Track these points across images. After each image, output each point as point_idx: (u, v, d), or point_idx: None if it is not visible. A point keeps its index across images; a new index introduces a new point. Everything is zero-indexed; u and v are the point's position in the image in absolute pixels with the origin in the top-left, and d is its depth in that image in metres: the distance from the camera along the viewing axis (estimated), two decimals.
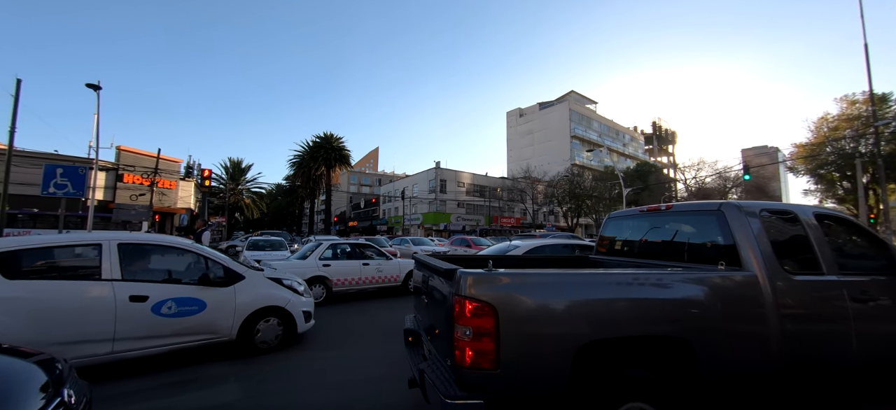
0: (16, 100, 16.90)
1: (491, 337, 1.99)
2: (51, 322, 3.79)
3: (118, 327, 4.03)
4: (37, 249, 4.12)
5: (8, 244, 3.98)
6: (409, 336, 3.26)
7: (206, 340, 4.60)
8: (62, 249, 4.30)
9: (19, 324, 3.67)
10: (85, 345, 3.90)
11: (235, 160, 48.74)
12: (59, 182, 12.36)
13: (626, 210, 4.03)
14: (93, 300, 3.99)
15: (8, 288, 3.70)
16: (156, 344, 4.27)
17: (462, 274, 2.08)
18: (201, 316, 4.49)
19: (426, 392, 2.32)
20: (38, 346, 3.35)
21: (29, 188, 20.86)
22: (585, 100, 67.21)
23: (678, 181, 42.60)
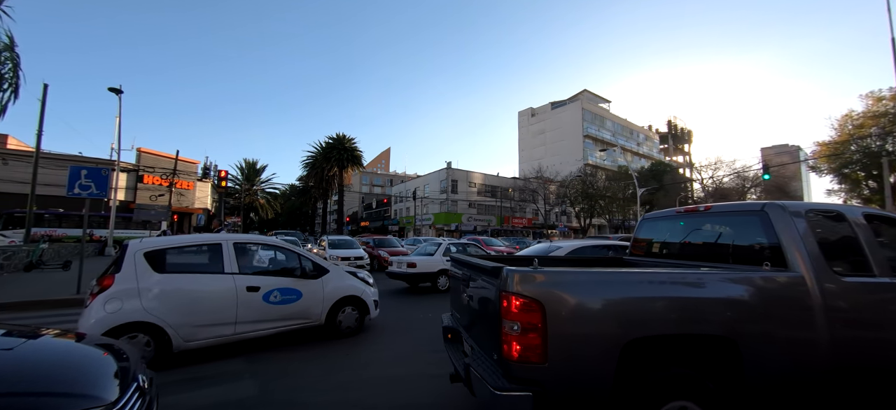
0: (43, 104, 17.42)
1: (538, 332, 2.06)
2: (190, 307, 4.52)
3: (239, 312, 4.78)
4: (174, 248, 4.85)
5: (154, 244, 4.70)
6: (448, 333, 3.35)
7: (301, 324, 5.34)
8: (193, 248, 5.13)
9: (167, 309, 4.38)
10: (216, 327, 4.65)
11: (250, 161, 49.56)
12: (83, 183, 12.69)
13: (661, 211, 3.99)
14: (220, 290, 4.73)
15: (157, 280, 4.46)
16: (265, 327, 5.04)
17: (509, 272, 2.16)
18: (299, 304, 5.26)
19: (472, 386, 2.38)
20: (182, 328, 4.44)
21: (54, 188, 21.53)
22: (598, 99, 66.44)
23: (694, 181, 41.79)
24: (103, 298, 4.21)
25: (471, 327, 2.90)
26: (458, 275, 3.24)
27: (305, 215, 55.81)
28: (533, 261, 2.45)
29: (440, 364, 4.30)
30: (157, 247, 4.67)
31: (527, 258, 3.56)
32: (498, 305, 2.18)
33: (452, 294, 3.59)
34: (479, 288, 2.68)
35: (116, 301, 4.21)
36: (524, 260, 3.90)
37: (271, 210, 50.16)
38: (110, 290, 4.26)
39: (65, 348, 2.20)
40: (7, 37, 6.13)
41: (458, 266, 3.29)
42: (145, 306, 4.28)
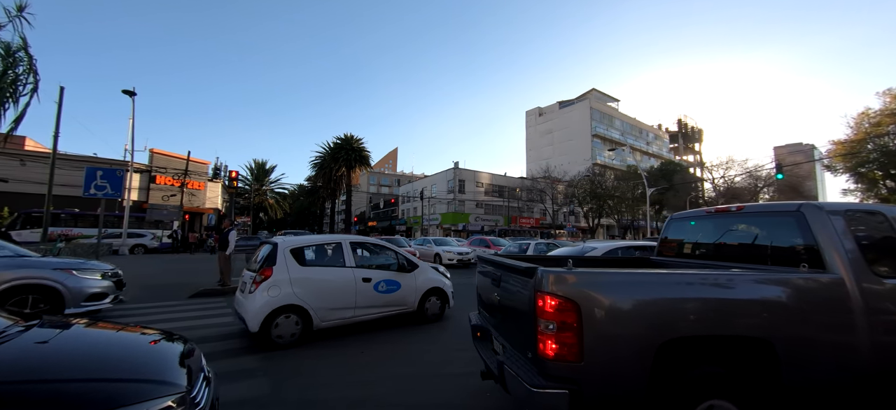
0: (59, 106, 17.73)
1: (574, 331, 2.10)
2: (324, 294, 5.48)
3: (357, 299, 5.73)
4: (310, 246, 5.80)
5: (296, 243, 5.63)
6: (477, 331, 3.39)
7: (399, 310, 6.24)
8: (322, 246, 6.07)
9: (309, 295, 5.33)
10: (341, 311, 5.60)
11: (260, 161, 50.06)
12: (99, 183, 12.96)
13: (689, 211, 3.95)
14: (343, 280, 5.68)
15: (300, 271, 5.40)
16: (374, 312, 5.96)
17: (544, 272, 2.20)
18: (399, 293, 6.20)
19: (506, 383, 2.42)
20: (319, 310, 5.38)
21: (71, 189, 21.92)
22: (607, 98, 65.89)
23: (705, 180, 41.22)
24: (266, 285, 5.16)
25: (501, 326, 2.94)
26: (488, 275, 3.25)
27: (314, 215, 56.16)
28: (567, 262, 2.45)
29: None
30: (299, 245, 5.64)
31: (561, 258, 3.62)
32: (533, 304, 2.23)
33: (480, 293, 3.60)
34: (512, 287, 2.70)
35: (276, 288, 5.17)
36: (558, 260, 3.94)
37: (280, 209, 50.56)
38: (270, 280, 5.19)
39: (141, 340, 2.39)
40: (21, 38, 6.23)
41: (488, 265, 3.28)
42: (295, 292, 5.24)
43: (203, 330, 5.99)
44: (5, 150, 21.03)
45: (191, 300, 8.47)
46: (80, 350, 2.16)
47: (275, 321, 5.09)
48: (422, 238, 26.69)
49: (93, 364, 1.99)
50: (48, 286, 5.74)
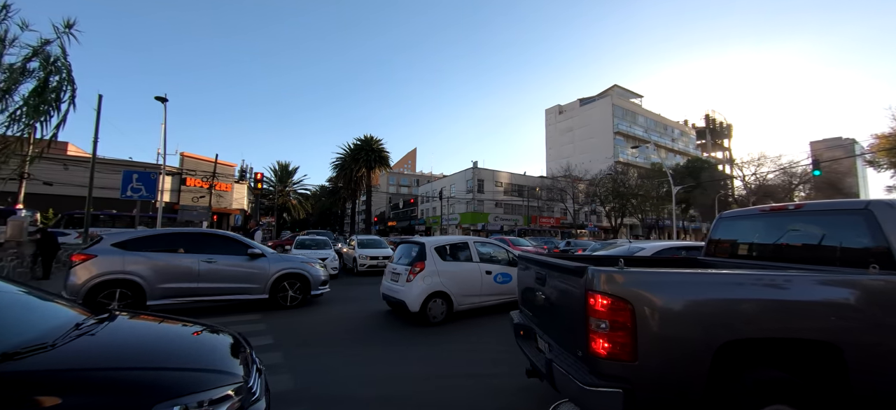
0: (98, 113, 18.73)
1: (627, 330, 2.09)
2: (460, 283, 6.92)
3: (482, 288, 7.14)
4: (448, 244, 7.21)
5: (437, 241, 7.17)
6: (519, 330, 3.41)
7: (510, 298, 7.26)
8: (454, 244, 7.33)
9: (450, 284, 6.79)
10: (472, 297, 7.05)
11: (283, 163, 51.40)
12: (134, 186, 13.75)
13: (741, 209, 3.83)
14: (473, 272, 7.15)
15: (443, 265, 6.84)
16: (493, 299, 7.32)
17: (595, 272, 2.21)
18: (511, 284, 7.30)
19: (555, 381, 2.44)
20: (457, 296, 6.79)
21: (108, 191, 23.12)
22: (629, 94, 64.24)
23: (736, 178, 39.56)
24: (421, 276, 6.64)
25: (546, 324, 2.97)
26: (531, 274, 3.25)
27: (335, 215, 57.24)
28: (618, 262, 2.44)
29: None
30: (440, 244, 7.11)
31: (611, 258, 3.61)
32: (583, 303, 2.24)
33: (522, 292, 3.61)
34: (559, 286, 2.70)
35: (428, 278, 6.65)
36: (607, 260, 3.93)
37: (303, 210, 51.76)
38: (424, 272, 6.67)
39: (200, 333, 2.57)
40: (60, 48, 6.65)
41: (531, 265, 3.28)
42: (441, 281, 6.70)
43: (236, 327, 6.27)
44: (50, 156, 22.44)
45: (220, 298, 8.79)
46: (151, 340, 2.39)
47: (429, 304, 6.60)
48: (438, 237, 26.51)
49: (163, 353, 2.20)
50: (302, 274, 8.13)
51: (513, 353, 4.58)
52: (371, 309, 8.08)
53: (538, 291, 3.04)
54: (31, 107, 6.42)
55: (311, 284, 8.23)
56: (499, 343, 5.45)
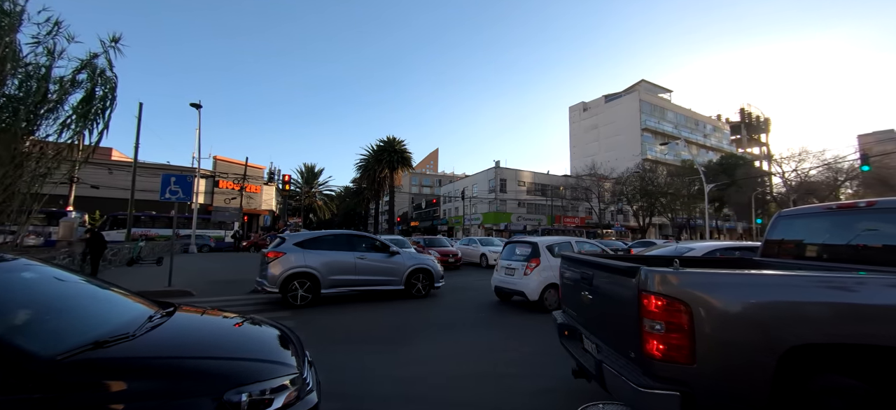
0: (138, 121, 19.87)
1: (684, 332, 2.05)
2: (550, 276, 7.64)
3: None
4: (554, 244, 8.17)
5: (548, 241, 8.18)
6: (564, 330, 3.40)
7: None
8: (561, 243, 8.30)
9: (557, 277, 7.35)
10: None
11: (309, 165, 52.83)
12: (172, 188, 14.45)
13: (802, 208, 3.66)
14: (554, 267, 7.52)
15: (552, 260, 7.71)
16: None
17: (649, 272, 2.18)
18: None
19: (606, 382, 2.42)
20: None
21: (148, 193, 24.47)
22: (658, 89, 62.14)
23: (774, 174, 37.53)
24: (538, 270, 7.81)
25: (594, 325, 2.94)
26: (575, 275, 3.24)
27: (359, 215, 58.22)
28: (672, 262, 2.39)
29: None
30: (551, 243, 8.18)
31: (663, 258, 3.55)
32: (636, 304, 2.21)
33: (565, 292, 3.60)
34: (608, 287, 2.68)
35: (544, 272, 7.78)
36: (659, 260, 3.86)
37: (328, 211, 53.02)
38: (540, 266, 7.84)
39: (254, 327, 2.71)
40: (107, 61, 7.07)
41: (576, 265, 3.26)
42: (552, 275, 7.49)
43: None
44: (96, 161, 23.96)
45: (250, 294, 9.14)
46: (213, 332, 2.56)
47: (545, 294, 7.70)
48: (467, 238, 26.22)
49: (226, 344, 2.37)
50: (428, 269, 9.41)
51: None
52: (471, 299, 9.24)
53: (583, 291, 3.02)
54: (80, 116, 6.85)
55: (434, 278, 9.53)
56: None
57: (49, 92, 6.64)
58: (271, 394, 1.95)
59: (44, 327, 2.04)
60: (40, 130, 6.80)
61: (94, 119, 6.99)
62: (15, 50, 6.30)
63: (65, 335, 1.95)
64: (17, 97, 6.41)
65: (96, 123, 7.04)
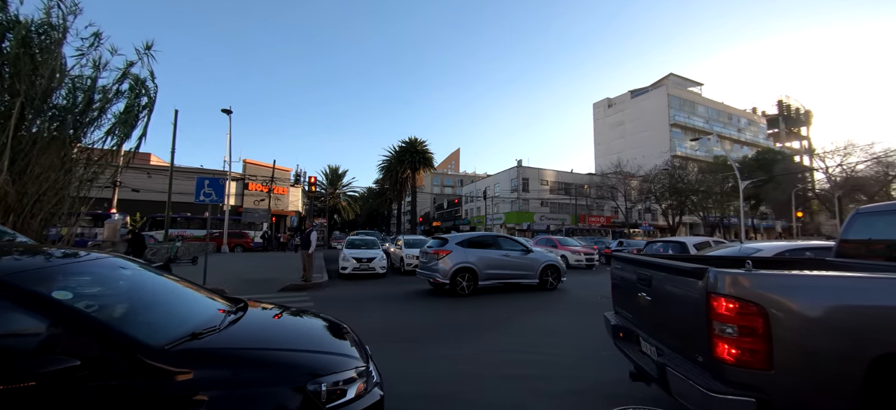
0: (174, 127, 20.85)
1: (759, 336, 1.99)
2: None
3: None
4: (701, 244, 9.68)
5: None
6: (618, 332, 3.35)
7: None
8: (703, 244, 9.84)
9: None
10: None
11: (333, 167, 53.91)
12: (206, 191, 15.17)
13: (884, 204, 3.44)
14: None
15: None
16: None
17: (718, 274, 2.12)
18: None
19: (670, 386, 2.38)
20: None
21: (183, 196, 25.62)
22: (687, 82, 59.78)
23: (816, 169, 35.33)
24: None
25: (653, 327, 2.90)
26: (631, 275, 3.18)
27: (382, 216, 59.01)
28: (746, 263, 2.31)
29: None
30: (693, 241, 9.99)
31: (732, 259, 3.48)
32: (704, 307, 2.16)
33: (618, 293, 3.54)
34: (669, 288, 2.62)
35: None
36: (727, 260, 3.76)
37: (352, 211, 53.96)
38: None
39: (319, 323, 2.86)
40: (148, 71, 7.42)
41: (632, 266, 3.20)
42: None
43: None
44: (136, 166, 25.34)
45: (281, 293, 9.42)
46: (286, 327, 2.68)
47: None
48: None
49: (300, 338, 2.50)
50: (556, 266, 10.66)
51: None
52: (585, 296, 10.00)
53: (640, 293, 2.97)
54: (122, 124, 7.23)
55: (561, 273, 10.55)
56: None
57: (93, 101, 7.05)
58: (344, 386, 2.05)
59: (148, 319, 2.20)
60: (86, 138, 7.24)
61: (134, 126, 7.39)
62: (62, 63, 6.72)
63: (166, 326, 2.10)
64: (65, 107, 6.85)
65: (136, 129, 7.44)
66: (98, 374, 1.66)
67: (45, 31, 6.51)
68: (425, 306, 8.36)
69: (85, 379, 1.63)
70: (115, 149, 7.39)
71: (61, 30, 6.68)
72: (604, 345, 5.41)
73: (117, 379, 1.69)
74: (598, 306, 8.38)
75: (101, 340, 1.74)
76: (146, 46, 7.34)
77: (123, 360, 1.72)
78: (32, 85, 6.21)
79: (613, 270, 3.67)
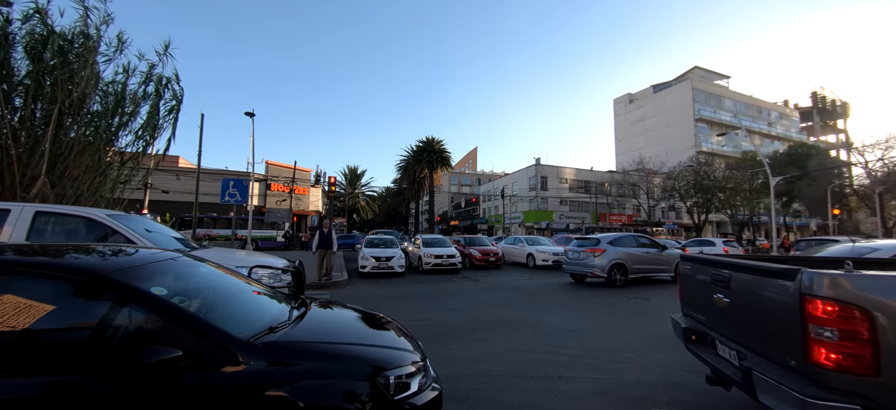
0: (201, 130, 21.51)
1: (863, 341, 1.91)
2: None
3: None
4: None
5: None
6: (691, 334, 3.29)
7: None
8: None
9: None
10: None
11: (352, 167, 54.77)
12: (231, 192, 15.68)
13: None
14: None
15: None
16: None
17: (815, 275, 2.06)
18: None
19: (756, 390, 2.34)
20: None
21: (210, 197, 26.54)
22: (713, 75, 57.69)
23: (854, 164, 33.43)
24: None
25: (732, 330, 2.82)
26: (704, 276, 3.13)
27: (400, 215, 59.56)
28: (845, 264, 2.24)
29: None
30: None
31: (831, 259, 3.38)
32: (797, 309, 2.12)
33: (691, 295, 3.47)
34: (753, 289, 2.56)
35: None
36: (824, 261, 3.64)
37: (370, 211, 54.62)
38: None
39: (376, 319, 2.93)
40: (174, 74, 7.70)
41: (706, 266, 3.15)
42: None
43: None
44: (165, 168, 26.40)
45: None
46: (350, 323, 2.77)
47: None
48: (513, 236, 25.33)
49: (364, 333, 2.58)
50: None
51: None
52: None
53: (717, 294, 2.90)
54: (150, 126, 7.53)
55: None
56: None
57: (124, 105, 7.38)
58: (407, 379, 2.13)
59: (229, 313, 2.31)
60: (118, 141, 7.58)
61: (162, 127, 7.69)
62: (97, 71, 7.06)
63: (246, 320, 2.21)
64: (99, 113, 7.19)
65: (164, 131, 7.74)
66: (196, 364, 1.79)
67: (82, 41, 6.85)
68: (445, 304, 8.35)
69: (185, 369, 1.76)
70: (143, 151, 7.70)
71: (96, 39, 7.01)
72: (626, 346, 5.30)
73: (213, 369, 1.81)
74: (619, 306, 8.25)
75: (196, 333, 1.86)
76: (164, 47, 7.61)
77: (217, 351, 1.84)
78: (69, 93, 6.55)
79: (683, 270, 3.59)
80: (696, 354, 3.21)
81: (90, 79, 6.79)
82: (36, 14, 6.42)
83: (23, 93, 6.36)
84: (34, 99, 6.38)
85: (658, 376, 4.25)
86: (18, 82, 6.36)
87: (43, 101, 6.49)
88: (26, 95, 6.31)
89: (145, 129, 7.53)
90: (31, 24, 6.41)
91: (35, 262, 2.05)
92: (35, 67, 6.30)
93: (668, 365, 4.57)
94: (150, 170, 8.54)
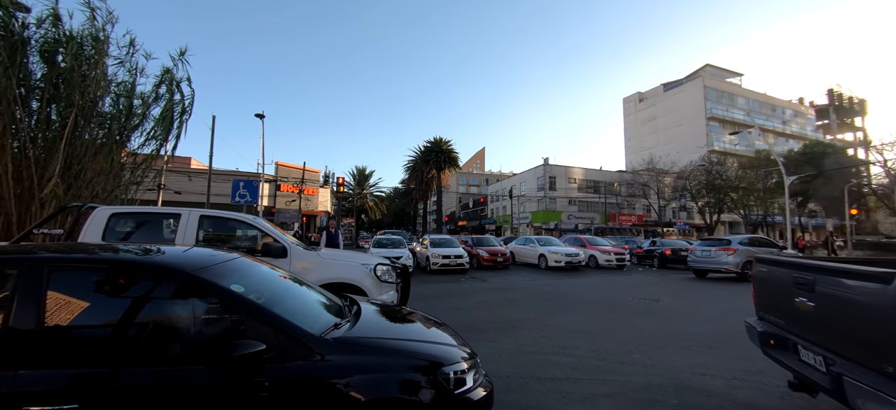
0: (212, 132, 21.83)
1: None
2: None
3: None
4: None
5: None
6: (769, 339, 3.26)
7: None
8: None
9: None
10: None
11: (360, 168, 54.99)
12: (241, 193, 15.97)
13: None
14: None
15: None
16: None
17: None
18: None
19: (847, 397, 2.34)
20: None
21: (221, 197, 26.91)
22: (725, 73, 56.70)
23: (872, 163, 32.54)
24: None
25: (818, 335, 2.78)
26: (783, 279, 3.10)
27: (408, 215, 59.62)
28: None
29: None
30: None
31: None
32: (893, 313, 2.09)
33: (768, 298, 3.42)
34: (841, 294, 2.52)
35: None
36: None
37: (379, 211, 54.80)
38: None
39: (428, 319, 3.05)
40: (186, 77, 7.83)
41: (786, 268, 3.11)
42: None
43: None
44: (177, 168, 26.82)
45: None
46: (402, 321, 2.85)
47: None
48: (524, 237, 24.99)
49: (418, 331, 2.65)
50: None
51: None
52: None
53: (799, 298, 2.86)
54: (162, 127, 7.67)
55: None
56: None
57: (134, 107, 7.51)
58: (461, 374, 2.20)
59: (295, 310, 2.38)
60: (131, 143, 7.73)
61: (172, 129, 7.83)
62: (106, 73, 7.20)
63: (313, 317, 2.34)
64: (111, 114, 7.33)
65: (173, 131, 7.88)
66: (277, 357, 1.91)
67: (94, 44, 7.00)
68: (452, 304, 8.34)
69: (267, 361, 1.87)
70: (156, 152, 7.84)
71: (104, 40, 7.15)
72: (636, 347, 5.22)
73: (291, 362, 1.93)
74: (628, 308, 8.13)
75: (276, 328, 1.98)
76: (180, 52, 7.75)
77: (295, 346, 1.97)
78: (83, 95, 6.69)
79: (758, 272, 3.52)
80: (776, 359, 3.16)
81: (101, 81, 6.93)
82: (50, 18, 6.58)
83: (38, 95, 6.52)
84: (49, 102, 6.53)
85: (668, 378, 4.18)
86: (34, 85, 6.52)
87: (58, 104, 6.65)
88: (42, 98, 6.46)
89: (157, 130, 7.67)
90: (44, 28, 6.57)
91: (124, 261, 2.17)
92: (50, 71, 6.44)
93: (677, 367, 4.50)
94: (162, 170, 8.71)
